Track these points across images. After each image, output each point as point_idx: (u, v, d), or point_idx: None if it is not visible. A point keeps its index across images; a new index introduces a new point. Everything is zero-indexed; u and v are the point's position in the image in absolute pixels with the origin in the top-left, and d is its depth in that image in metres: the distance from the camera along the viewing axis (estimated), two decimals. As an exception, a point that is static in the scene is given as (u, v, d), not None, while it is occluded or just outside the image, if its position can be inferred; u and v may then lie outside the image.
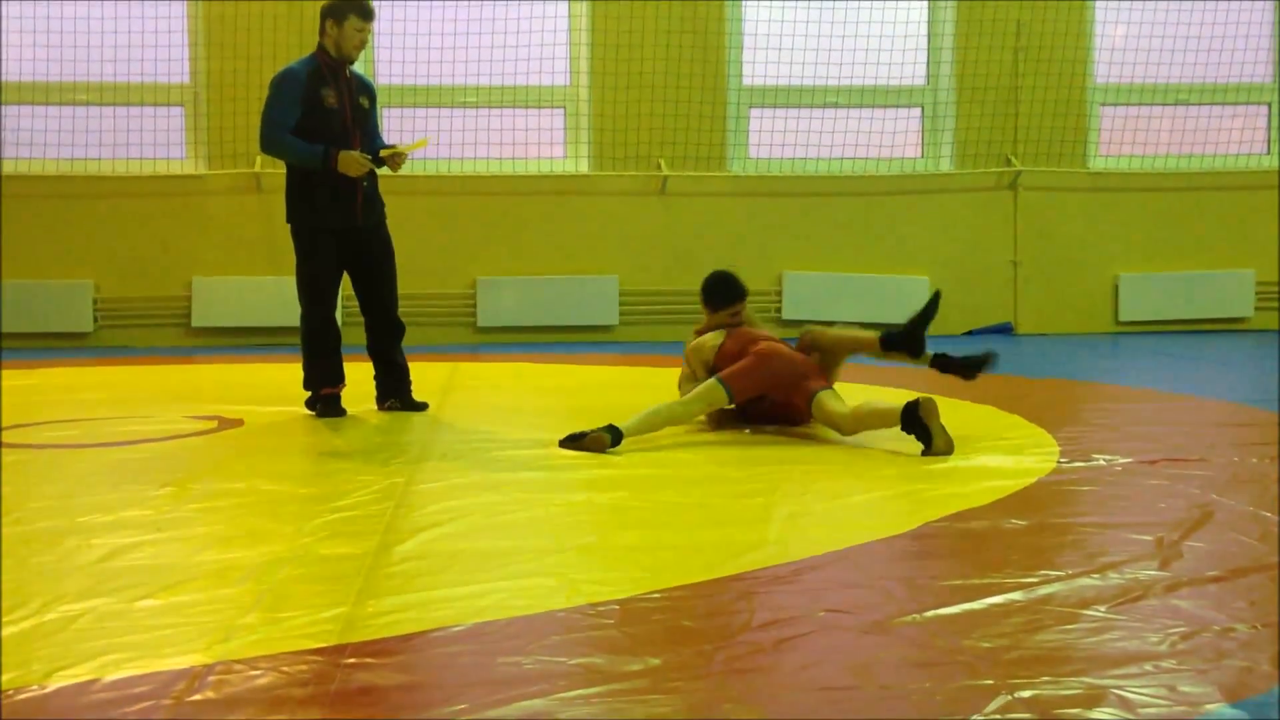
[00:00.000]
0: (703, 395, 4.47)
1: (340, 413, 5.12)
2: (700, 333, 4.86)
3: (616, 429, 4.19)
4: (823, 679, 1.94)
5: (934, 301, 4.63)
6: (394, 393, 5.31)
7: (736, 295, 4.81)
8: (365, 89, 5.28)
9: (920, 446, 4.04)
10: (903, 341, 4.59)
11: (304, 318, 5.22)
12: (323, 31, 5.09)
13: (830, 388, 4.54)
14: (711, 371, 4.61)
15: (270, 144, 5.06)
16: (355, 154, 5.00)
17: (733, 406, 4.56)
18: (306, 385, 5.21)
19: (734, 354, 4.58)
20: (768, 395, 4.57)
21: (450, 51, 9.54)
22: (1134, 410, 5.21)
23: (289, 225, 5.22)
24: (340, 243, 5.17)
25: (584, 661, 2.01)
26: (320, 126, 5.01)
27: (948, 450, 3.98)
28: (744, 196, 9.95)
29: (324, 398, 5.15)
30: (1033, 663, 1.99)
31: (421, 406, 5.30)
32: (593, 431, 4.16)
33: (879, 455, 4.20)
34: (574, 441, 4.17)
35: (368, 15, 5.09)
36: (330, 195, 5.05)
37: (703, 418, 4.67)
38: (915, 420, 4.04)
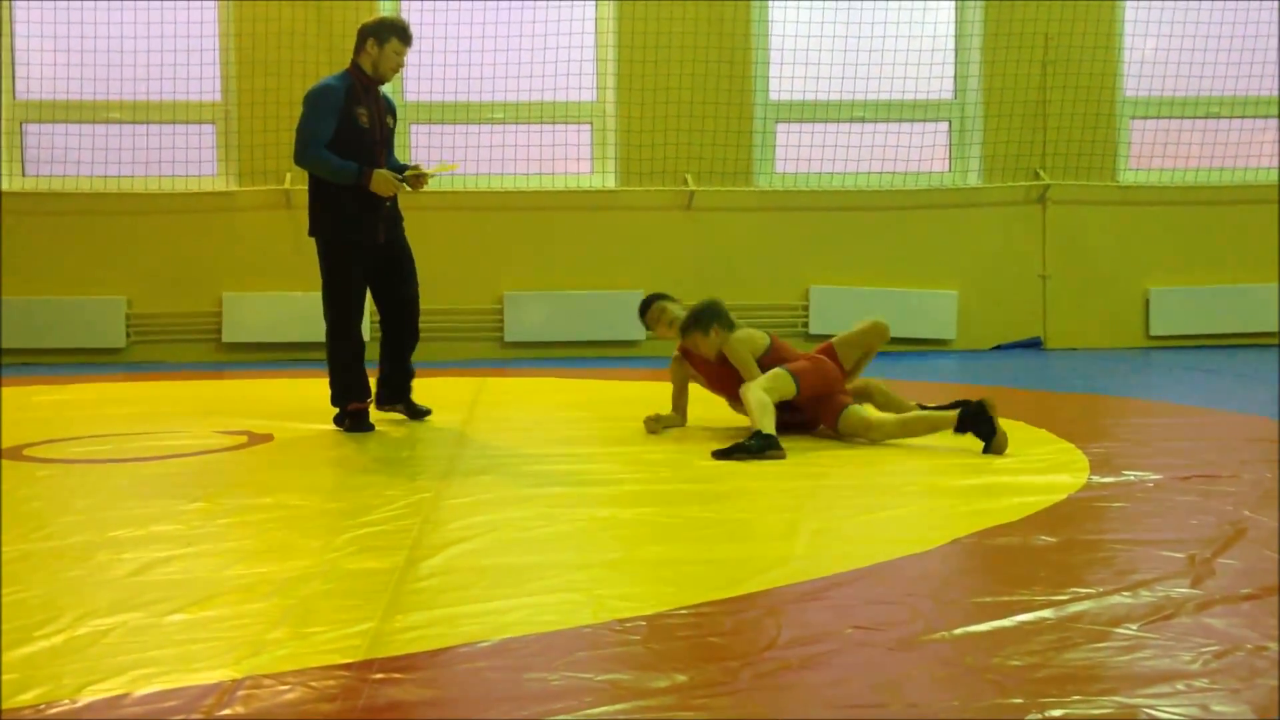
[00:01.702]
0: (778, 385, 4.64)
1: (368, 428, 5.15)
2: (686, 350, 5.09)
3: (764, 434, 4.32)
4: (850, 696, 1.93)
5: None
6: (399, 396, 5.42)
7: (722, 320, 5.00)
8: (391, 109, 5.37)
9: (974, 444, 4.33)
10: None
11: (331, 333, 5.26)
12: (361, 50, 5.15)
13: (855, 403, 4.78)
14: (763, 366, 4.84)
15: (305, 157, 5.09)
16: (387, 174, 5.07)
17: (791, 398, 4.70)
18: (334, 401, 5.24)
19: (778, 354, 4.89)
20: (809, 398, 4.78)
21: (478, 68, 9.61)
22: (1165, 425, 5.17)
23: (313, 239, 5.25)
24: (365, 256, 5.22)
25: (610, 678, 2.00)
26: (352, 143, 5.07)
27: (1004, 444, 4.28)
28: (771, 211, 9.96)
29: (351, 413, 5.18)
30: (1063, 681, 1.97)
31: (424, 412, 5.41)
32: (770, 448, 4.26)
33: (907, 470, 4.19)
34: (751, 453, 4.23)
35: (408, 40, 5.18)
36: (355, 210, 5.11)
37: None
38: (979, 418, 4.31)
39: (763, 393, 4.56)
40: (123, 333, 9.52)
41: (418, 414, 5.47)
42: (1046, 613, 2.32)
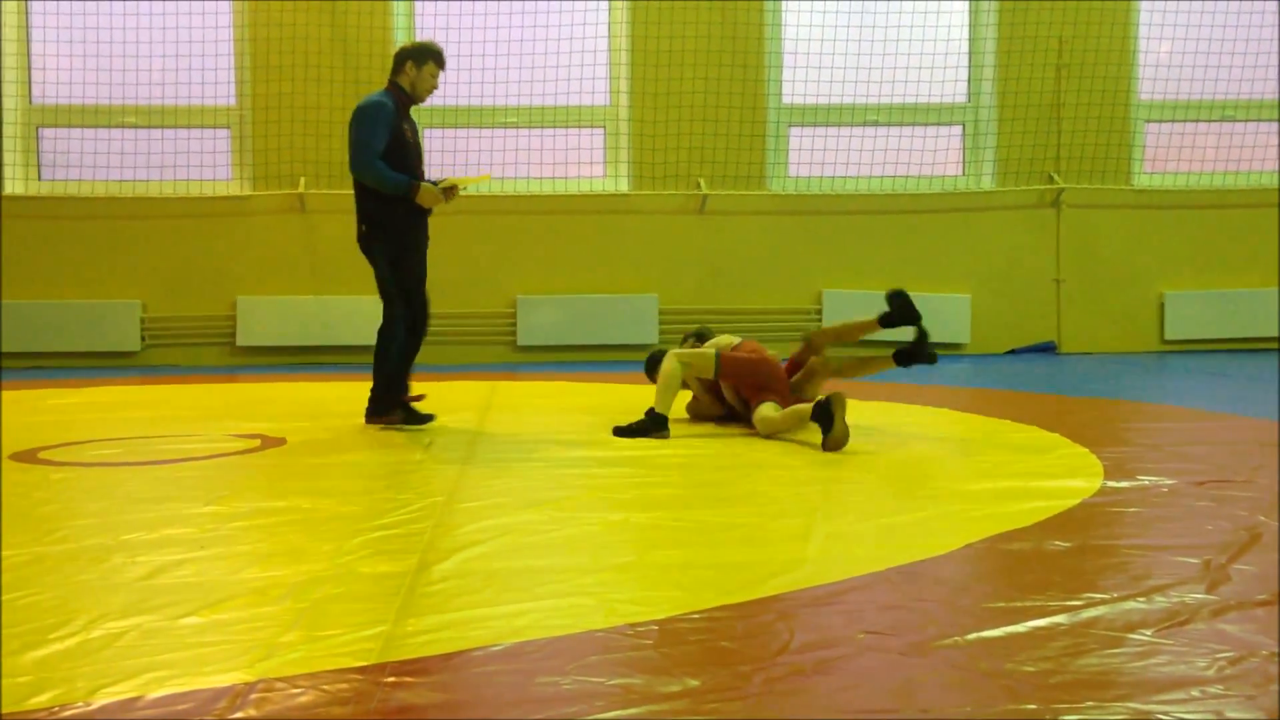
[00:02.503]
0: (697, 357, 5.17)
1: (430, 418, 5.35)
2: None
3: (657, 413, 4.93)
4: (862, 702, 1.92)
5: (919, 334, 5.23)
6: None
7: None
8: (416, 127, 5.62)
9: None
10: (899, 316, 5.15)
11: (384, 333, 5.36)
12: (400, 71, 5.43)
13: (774, 401, 5.07)
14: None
15: (362, 167, 5.28)
16: (432, 187, 5.32)
17: (712, 379, 5.26)
18: (381, 398, 5.35)
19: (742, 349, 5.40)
20: (738, 386, 5.22)
21: (491, 73, 9.63)
22: (1180, 430, 5.15)
23: (374, 245, 5.36)
24: (413, 262, 5.45)
25: (622, 682, 2.00)
26: (398, 156, 5.32)
27: (843, 439, 4.46)
28: (784, 215, 9.95)
29: (406, 405, 5.38)
30: (1077, 687, 1.96)
31: (426, 418, 5.50)
32: (646, 423, 4.88)
33: (919, 475, 4.18)
34: (632, 433, 4.86)
35: (444, 64, 5.50)
36: (404, 216, 5.34)
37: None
38: (824, 412, 4.52)
39: (676, 363, 5.09)
40: (137, 336, 9.56)
41: (417, 420, 5.47)
42: (1060, 618, 2.31)
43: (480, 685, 2.03)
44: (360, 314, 9.38)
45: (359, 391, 6.08)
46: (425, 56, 5.42)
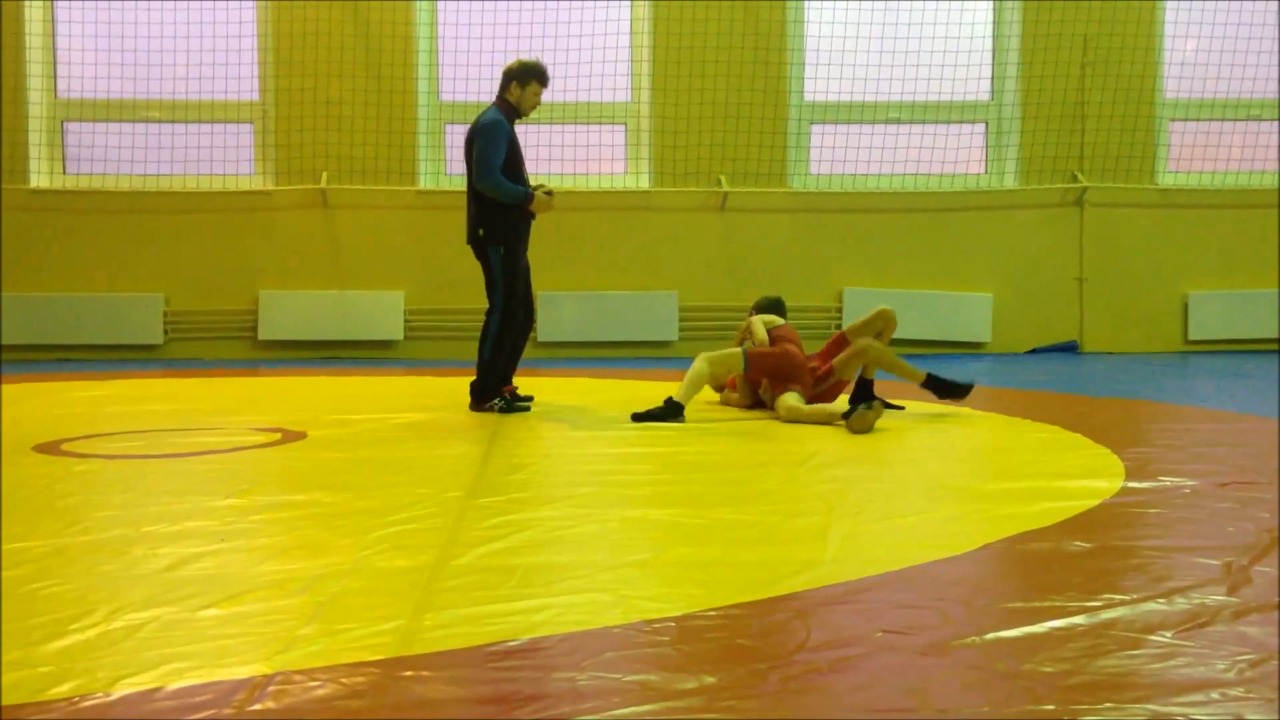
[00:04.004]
0: (726, 358, 5.56)
1: (526, 406, 5.82)
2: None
3: (675, 401, 5.29)
4: (879, 701, 1.92)
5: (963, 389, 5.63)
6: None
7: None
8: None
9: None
10: (941, 387, 5.59)
11: (503, 321, 5.82)
12: (507, 89, 6.00)
13: (797, 391, 5.46)
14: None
15: (487, 182, 5.76)
16: (544, 196, 5.81)
17: (742, 374, 5.63)
18: (486, 386, 5.75)
19: (774, 339, 5.75)
20: (766, 379, 5.58)
21: (513, 69, 9.63)
22: (1203, 431, 5.11)
23: (489, 247, 5.82)
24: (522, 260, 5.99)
25: (638, 678, 2.00)
26: (512, 169, 5.81)
27: (861, 427, 4.82)
28: (804, 212, 9.93)
29: (507, 394, 5.74)
30: (1095, 688, 1.95)
31: (525, 400, 5.94)
32: (663, 409, 5.23)
33: (938, 474, 4.17)
34: (649, 418, 5.21)
35: (546, 82, 6.04)
36: (524, 223, 5.94)
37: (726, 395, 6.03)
38: (861, 397, 5.05)
39: (705, 365, 5.48)
40: (160, 329, 9.62)
41: (518, 408, 5.88)
42: (1079, 619, 2.30)
43: (497, 680, 2.03)
44: (381, 309, 9.42)
45: (380, 386, 6.10)
46: (529, 77, 5.91)
